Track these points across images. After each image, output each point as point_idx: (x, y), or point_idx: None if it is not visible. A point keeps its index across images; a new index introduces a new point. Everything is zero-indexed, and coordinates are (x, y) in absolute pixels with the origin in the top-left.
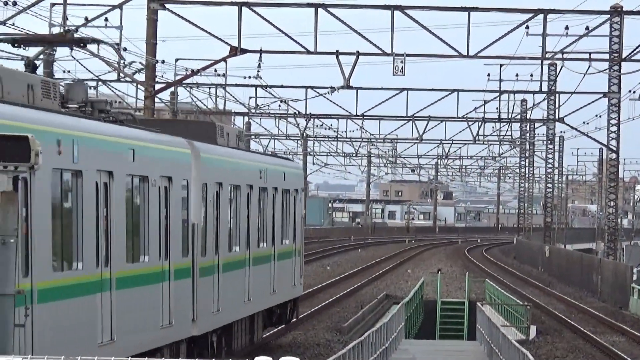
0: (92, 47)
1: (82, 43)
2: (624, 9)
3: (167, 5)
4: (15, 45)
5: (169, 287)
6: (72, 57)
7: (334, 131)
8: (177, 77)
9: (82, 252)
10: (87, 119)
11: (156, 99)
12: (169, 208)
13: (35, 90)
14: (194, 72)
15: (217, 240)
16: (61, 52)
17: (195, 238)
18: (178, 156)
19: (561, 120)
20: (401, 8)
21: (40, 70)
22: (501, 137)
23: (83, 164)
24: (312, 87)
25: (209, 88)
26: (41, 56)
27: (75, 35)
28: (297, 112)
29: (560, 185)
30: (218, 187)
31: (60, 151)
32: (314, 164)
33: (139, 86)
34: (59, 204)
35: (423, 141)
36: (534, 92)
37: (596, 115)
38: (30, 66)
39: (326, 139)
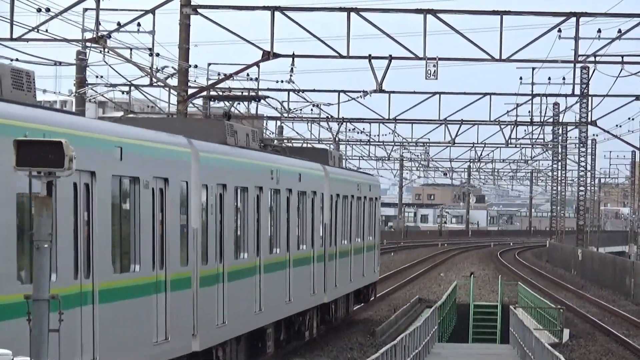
0: (124, 51)
1: (259, 98)
2: None
3: (199, 10)
4: (212, 100)
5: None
6: (105, 62)
7: (367, 135)
8: (210, 82)
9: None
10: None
11: (189, 104)
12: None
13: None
14: (227, 77)
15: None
16: (94, 57)
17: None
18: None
19: (593, 123)
20: (433, 12)
21: (72, 74)
22: (533, 140)
23: None
24: (344, 91)
25: (242, 92)
26: (73, 60)
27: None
28: (329, 116)
29: (592, 188)
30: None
31: None
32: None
33: (172, 91)
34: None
35: (455, 144)
36: (566, 95)
37: (629, 118)
38: (226, 116)
39: (358, 143)
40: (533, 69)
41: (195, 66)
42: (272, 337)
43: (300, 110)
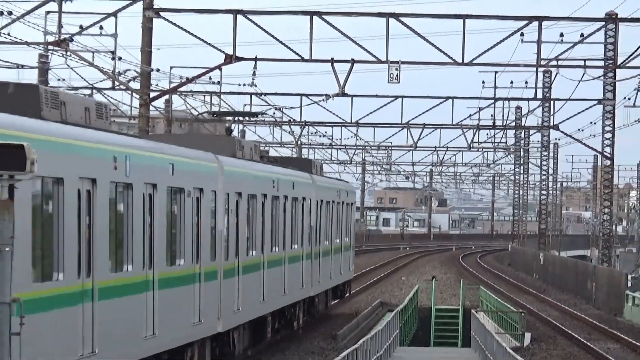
0: (87, 55)
1: (256, 114)
2: (618, 16)
3: (162, 14)
4: (214, 115)
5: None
6: (67, 65)
7: (329, 139)
8: (172, 85)
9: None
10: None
11: (151, 107)
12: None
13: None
14: (189, 80)
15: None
16: (56, 60)
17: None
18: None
19: (556, 127)
20: (396, 16)
21: (35, 77)
22: (496, 144)
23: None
24: (306, 95)
25: (204, 96)
26: (36, 63)
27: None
28: (291, 120)
29: (554, 192)
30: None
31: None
32: None
33: (134, 94)
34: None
35: (417, 148)
36: (528, 99)
37: (591, 122)
38: (228, 132)
39: (321, 147)
40: (495, 72)
41: (158, 69)
42: (270, 325)
43: (263, 113)
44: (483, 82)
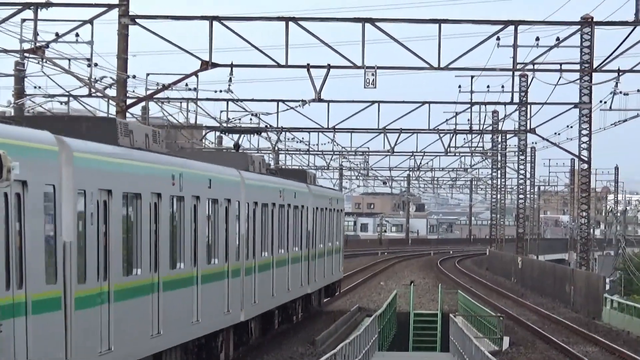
0: (63, 62)
1: (257, 132)
2: (594, 20)
3: (137, 20)
4: (225, 133)
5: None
6: (43, 72)
7: (306, 144)
8: (149, 92)
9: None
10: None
11: (127, 114)
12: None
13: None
14: (165, 87)
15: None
16: (32, 67)
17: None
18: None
19: (532, 131)
20: (372, 21)
21: (11, 85)
22: (473, 148)
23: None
24: (283, 101)
25: (180, 102)
26: (12, 71)
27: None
28: (268, 126)
29: (532, 196)
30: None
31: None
32: None
33: (110, 101)
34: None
35: (395, 153)
36: (505, 104)
37: (567, 126)
38: (236, 147)
39: (298, 152)
40: (472, 77)
41: (134, 76)
42: (277, 317)
43: (239, 119)
44: (459, 86)
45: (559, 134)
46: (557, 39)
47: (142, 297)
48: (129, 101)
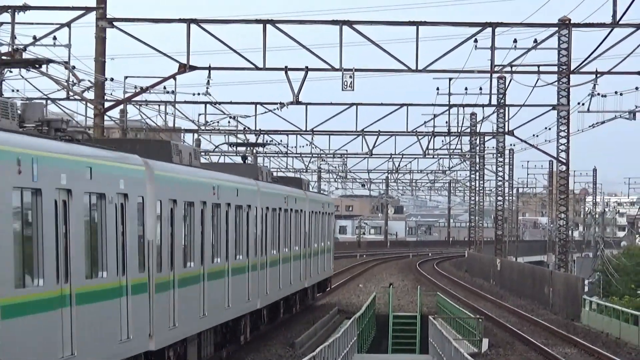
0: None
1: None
2: (571, 22)
3: (115, 23)
4: (231, 146)
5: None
6: (21, 76)
7: (284, 147)
8: (127, 95)
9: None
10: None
11: (106, 117)
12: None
13: None
14: (143, 90)
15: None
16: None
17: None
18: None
19: (511, 133)
20: (349, 23)
21: None
22: (451, 150)
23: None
24: (261, 103)
25: (159, 105)
26: None
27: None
28: (246, 128)
29: (510, 198)
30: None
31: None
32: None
33: (89, 104)
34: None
35: (373, 156)
36: (483, 106)
37: (546, 128)
38: (244, 159)
39: (276, 155)
40: (450, 79)
41: (112, 79)
42: (282, 307)
43: (217, 122)
44: (437, 88)
45: (537, 135)
46: (535, 41)
47: (194, 285)
48: (107, 104)
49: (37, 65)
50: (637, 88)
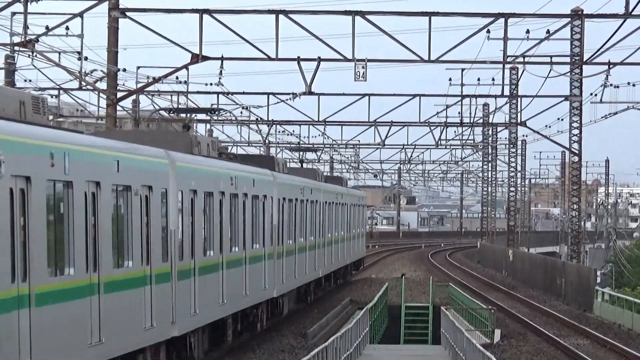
0: (53, 55)
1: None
2: (584, 12)
3: (128, 14)
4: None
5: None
6: (34, 66)
7: (296, 137)
8: (139, 85)
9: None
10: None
11: (118, 107)
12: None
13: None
14: (156, 80)
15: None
16: (22, 61)
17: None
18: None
19: (523, 123)
20: (362, 13)
21: (1, 78)
22: (463, 141)
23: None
24: (273, 94)
25: (171, 95)
26: (2, 64)
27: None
28: (259, 119)
29: (523, 188)
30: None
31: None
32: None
33: (101, 94)
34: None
35: (385, 146)
36: (495, 96)
37: (558, 119)
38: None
39: (288, 145)
40: (462, 70)
41: (124, 69)
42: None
43: (230, 112)
44: (450, 79)
45: (549, 126)
46: (548, 31)
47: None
48: (119, 94)
49: (214, 113)
50: None
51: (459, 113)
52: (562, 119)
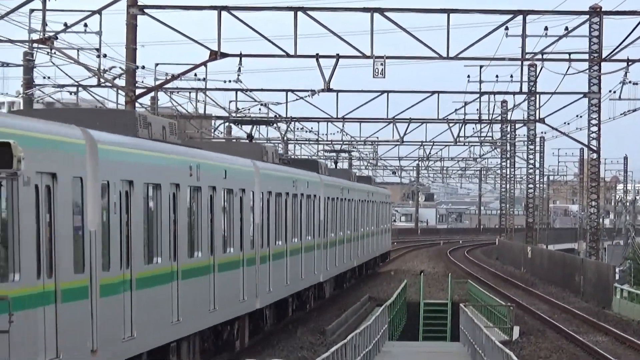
0: (72, 52)
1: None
2: (602, 9)
3: (146, 10)
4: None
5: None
6: (52, 62)
7: (315, 134)
8: (157, 82)
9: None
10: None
11: (137, 104)
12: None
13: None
14: (174, 77)
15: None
16: (41, 58)
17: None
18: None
19: (542, 120)
20: (380, 10)
21: (20, 75)
22: (482, 138)
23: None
24: (292, 91)
25: (189, 92)
26: (21, 61)
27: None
28: (277, 116)
29: (541, 185)
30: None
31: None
32: None
33: (120, 91)
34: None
35: (404, 143)
36: (514, 93)
37: (577, 116)
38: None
39: (307, 142)
40: (481, 67)
41: (143, 67)
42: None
43: (248, 109)
44: (468, 76)
45: (568, 123)
46: (566, 28)
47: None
48: (138, 91)
49: (270, 124)
50: None
51: (477, 110)
52: (580, 116)
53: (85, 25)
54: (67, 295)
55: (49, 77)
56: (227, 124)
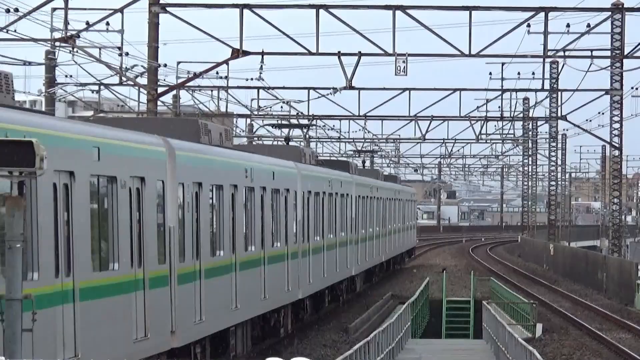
0: (94, 51)
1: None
2: (625, 6)
3: (168, 9)
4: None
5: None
6: (74, 61)
7: (337, 132)
8: (179, 80)
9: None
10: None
11: (159, 102)
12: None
13: None
14: (196, 75)
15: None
16: (63, 56)
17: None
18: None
19: (564, 118)
20: (402, 8)
21: (42, 74)
22: (504, 135)
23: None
24: (314, 88)
25: (211, 90)
26: (42, 60)
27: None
28: (299, 113)
29: (563, 182)
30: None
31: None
32: None
33: (141, 90)
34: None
35: (426, 141)
36: (536, 90)
37: (599, 113)
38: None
39: (329, 140)
40: (502, 64)
41: (165, 65)
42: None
43: (270, 107)
44: (490, 73)
45: (590, 120)
46: (588, 25)
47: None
48: (160, 90)
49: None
50: None
51: (499, 107)
52: (602, 113)
53: (107, 23)
54: (153, 283)
55: (70, 76)
56: (248, 121)
